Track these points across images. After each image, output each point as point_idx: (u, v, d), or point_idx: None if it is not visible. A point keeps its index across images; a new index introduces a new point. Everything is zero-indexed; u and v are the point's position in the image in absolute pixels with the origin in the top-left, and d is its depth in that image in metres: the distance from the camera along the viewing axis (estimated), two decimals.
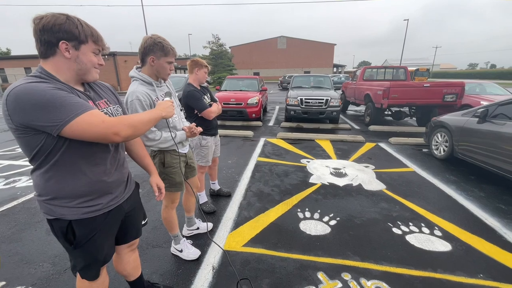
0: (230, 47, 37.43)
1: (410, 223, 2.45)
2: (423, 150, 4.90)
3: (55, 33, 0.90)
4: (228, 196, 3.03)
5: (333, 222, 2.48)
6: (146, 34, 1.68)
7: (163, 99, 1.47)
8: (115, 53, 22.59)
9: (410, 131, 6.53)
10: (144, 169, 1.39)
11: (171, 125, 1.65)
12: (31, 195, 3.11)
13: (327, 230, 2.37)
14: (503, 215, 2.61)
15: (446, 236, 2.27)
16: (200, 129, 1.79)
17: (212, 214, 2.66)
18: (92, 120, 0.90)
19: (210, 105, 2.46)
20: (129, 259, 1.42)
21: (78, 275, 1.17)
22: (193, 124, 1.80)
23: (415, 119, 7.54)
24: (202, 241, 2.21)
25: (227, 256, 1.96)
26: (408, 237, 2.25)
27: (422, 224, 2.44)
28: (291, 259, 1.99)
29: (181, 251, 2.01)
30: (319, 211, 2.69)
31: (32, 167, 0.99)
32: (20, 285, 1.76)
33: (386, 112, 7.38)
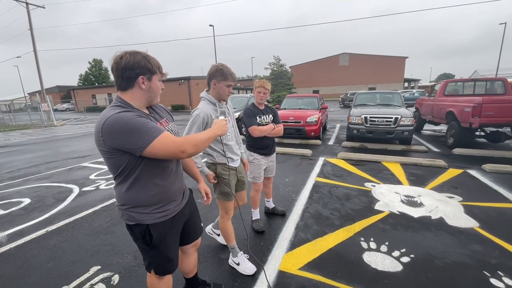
0: (290, 67, 38.42)
1: None
2: None
3: (135, 70, 1.08)
4: (283, 215, 3.00)
5: (405, 259, 2.15)
6: (216, 59, 1.99)
7: (218, 117, 1.64)
8: (190, 78, 26.06)
9: None
10: (192, 177, 1.60)
11: (223, 142, 1.85)
12: None
13: (398, 267, 2.06)
14: None
15: None
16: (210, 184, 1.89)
17: (260, 233, 2.63)
18: (165, 141, 1.06)
19: (265, 124, 2.56)
20: (192, 257, 1.60)
21: (152, 271, 1.34)
22: (212, 174, 1.92)
23: None
24: (258, 257, 2.22)
25: (267, 280, 1.90)
26: None
27: None
28: None
29: (238, 264, 2.08)
30: (387, 243, 2.37)
31: (115, 182, 1.18)
32: (110, 271, 2.12)
33: (477, 133, 6.13)
